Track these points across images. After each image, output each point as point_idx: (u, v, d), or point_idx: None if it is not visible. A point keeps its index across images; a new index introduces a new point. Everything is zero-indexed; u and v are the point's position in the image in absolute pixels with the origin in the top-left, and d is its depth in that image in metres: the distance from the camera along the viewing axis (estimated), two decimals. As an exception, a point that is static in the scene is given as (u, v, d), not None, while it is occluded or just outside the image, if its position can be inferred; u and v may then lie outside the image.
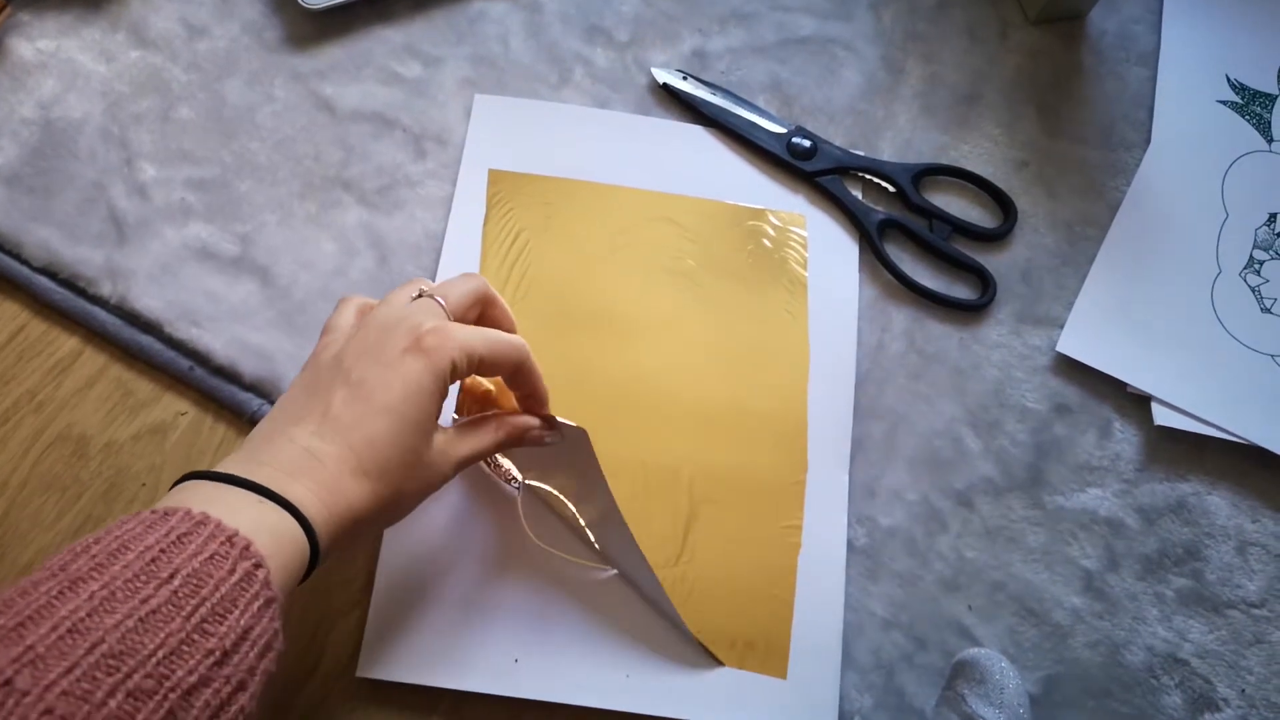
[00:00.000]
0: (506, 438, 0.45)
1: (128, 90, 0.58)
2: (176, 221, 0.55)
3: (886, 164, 0.59)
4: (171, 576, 0.31)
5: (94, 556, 0.31)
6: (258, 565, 0.33)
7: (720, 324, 0.55)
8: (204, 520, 0.33)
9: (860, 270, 0.57)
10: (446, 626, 0.48)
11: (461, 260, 0.55)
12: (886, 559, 0.52)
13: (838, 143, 0.60)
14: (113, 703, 0.28)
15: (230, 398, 0.52)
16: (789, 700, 0.48)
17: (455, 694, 0.48)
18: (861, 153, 0.60)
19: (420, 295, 0.42)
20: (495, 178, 0.57)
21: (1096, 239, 0.58)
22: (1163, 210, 0.59)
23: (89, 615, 0.29)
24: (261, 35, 0.60)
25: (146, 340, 0.53)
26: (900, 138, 0.60)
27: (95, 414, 0.52)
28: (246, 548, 0.33)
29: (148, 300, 0.53)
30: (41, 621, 0.28)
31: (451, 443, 0.42)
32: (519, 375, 0.44)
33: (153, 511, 0.33)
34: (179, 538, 0.32)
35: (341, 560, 0.50)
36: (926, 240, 0.58)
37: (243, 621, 0.32)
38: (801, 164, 0.59)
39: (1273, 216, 0.59)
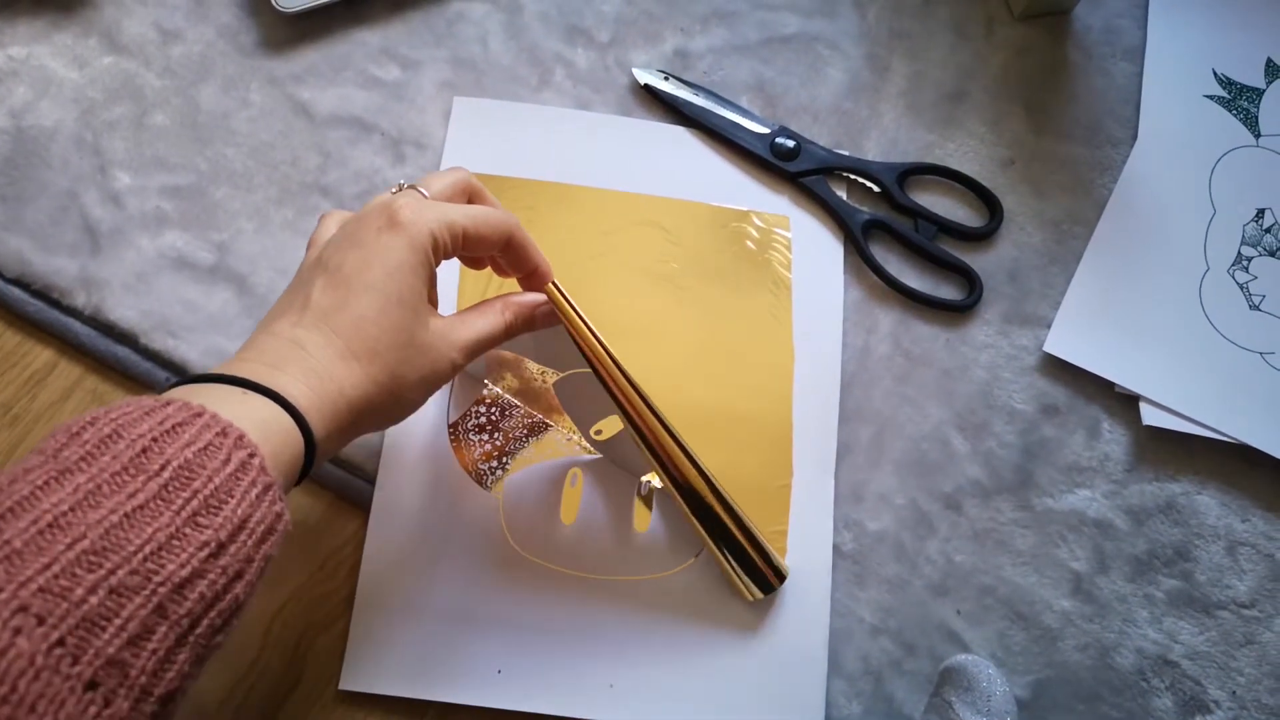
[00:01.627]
0: (515, 318, 0.43)
1: (101, 97, 0.57)
2: (151, 230, 0.54)
3: (871, 164, 0.58)
4: (161, 469, 0.30)
5: (85, 444, 0.30)
6: (252, 455, 0.32)
7: (704, 327, 0.54)
8: (200, 412, 0.31)
9: (845, 271, 0.56)
10: (429, 638, 0.48)
11: (443, 266, 0.54)
12: (874, 564, 0.51)
13: (822, 142, 0.59)
14: (94, 599, 0.26)
15: (208, 409, 0.51)
16: (774, 708, 0.47)
17: (438, 705, 0.47)
18: (846, 152, 0.59)
19: (401, 188, 0.41)
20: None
21: (1084, 237, 0.57)
22: (1150, 207, 0.58)
23: (71, 510, 0.28)
24: (237, 39, 0.59)
25: (122, 351, 0.52)
26: (885, 137, 0.60)
27: (71, 427, 0.51)
28: (240, 438, 0.32)
29: (123, 311, 0.52)
30: (21, 515, 0.27)
31: (453, 327, 0.40)
32: (511, 251, 0.42)
33: (154, 398, 0.32)
34: (173, 427, 0.31)
35: (322, 573, 0.50)
36: (912, 240, 0.57)
37: (239, 511, 0.31)
38: (785, 164, 0.58)
39: (1261, 212, 0.58)
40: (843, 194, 0.58)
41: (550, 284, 0.44)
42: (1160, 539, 0.52)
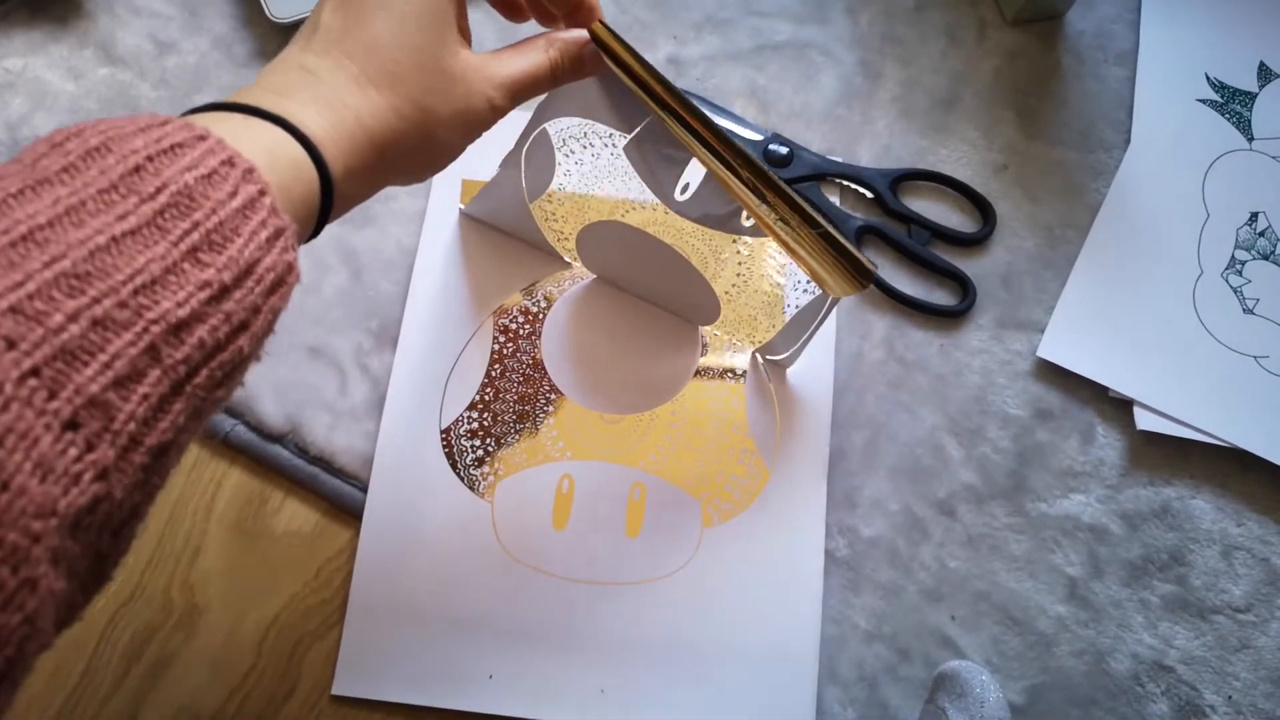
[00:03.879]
0: (561, 57, 0.38)
1: (96, 108, 0.57)
2: (146, 240, 0.55)
3: (864, 170, 0.59)
4: (157, 193, 0.26)
5: (68, 154, 0.25)
6: (263, 193, 0.28)
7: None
8: (203, 135, 0.27)
9: (839, 277, 0.56)
10: (421, 643, 0.48)
11: (436, 275, 0.55)
12: (868, 570, 0.51)
13: (815, 149, 0.59)
14: (74, 328, 0.23)
15: (203, 418, 0.52)
16: (764, 714, 0.47)
17: (431, 711, 0.47)
18: (839, 159, 0.59)
19: None
20: (469, 188, 0.56)
21: (1077, 242, 0.58)
22: (1143, 211, 0.58)
23: (50, 225, 0.24)
24: (231, 50, 0.59)
25: (117, 361, 0.52)
26: (878, 143, 0.60)
27: (66, 437, 0.51)
28: (250, 172, 0.28)
29: (118, 321, 0.52)
30: None
31: (489, 63, 0.36)
32: None
33: (150, 115, 0.28)
34: (172, 147, 0.27)
35: (316, 582, 0.50)
36: (905, 246, 0.57)
37: (246, 253, 0.27)
38: (779, 171, 0.58)
39: (1254, 216, 0.58)
40: (836, 200, 0.58)
41: (598, 22, 0.39)
42: (1155, 544, 0.52)
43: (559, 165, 0.48)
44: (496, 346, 0.53)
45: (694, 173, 0.45)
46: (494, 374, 0.53)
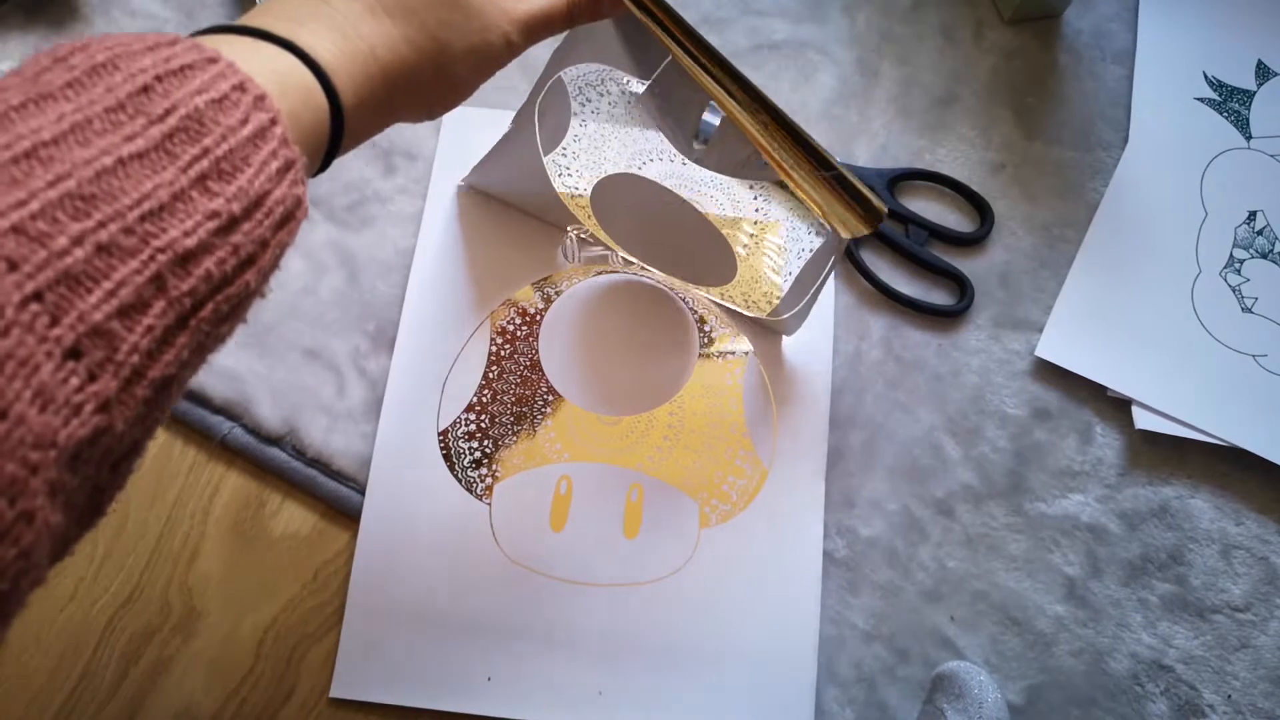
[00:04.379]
0: None
1: (93, 110, 0.57)
2: (143, 243, 0.54)
3: (862, 169, 0.58)
4: (166, 115, 0.24)
5: (73, 69, 0.24)
6: (274, 122, 0.27)
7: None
8: (214, 58, 0.26)
9: (836, 278, 0.56)
10: (419, 646, 0.48)
11: (433, 277, 0.54)
12: (867, 570, 0.51)
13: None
14: (79, 253, 0.22)
15: (200, 421, 0.52)
16: (763, 715, 0.47)
17: (429, 713, 0.47)
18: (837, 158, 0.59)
19: None
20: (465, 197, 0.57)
21: (1075, 241, 0.57)
22: (1141, 210, 0.58)
23: (54, 142, 0.23)
24: (228, 52, 0.59)
25: (114, 364, 0.52)
26: (875, 142, 0.60)
27: (64, 440, 0.51)
28: (261, 99, 0.27)
29: (115, 324, 0.52)
30: None
31: None
32: None
33: (158, 34, 0.26)
34: (181, 68, 0.25)
35: (315, 585, 0.50)
36: (903, 246, 0.57)
37: (256, 184, 0.26)
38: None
39: (1252, 214, 0.58)
40: (833, 200, 0.58)
41: None
42: (1154, 543, 0.52)
43: (574, 116, 0.48)
44: (494, 348, 0.53)
45: (711, 119, 0.45)
46: (491, 376, 0.52)
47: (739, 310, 0.51)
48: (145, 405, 0.24)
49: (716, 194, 0.48)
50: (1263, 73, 0.61)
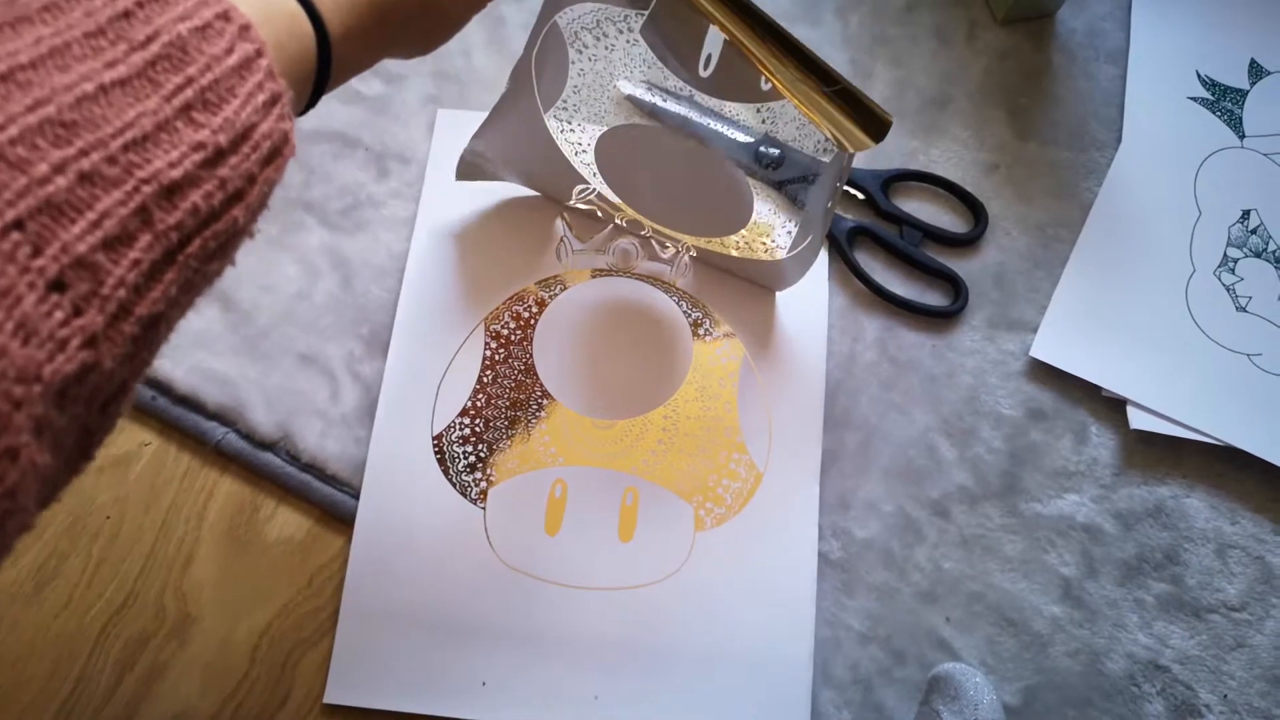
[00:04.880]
0: None
1: (85, 116, 0.57)
2: (136, 248, 0.54)
3: (855, 171, 0.58)
4: (148, 41, 0.24)
5: None
6: (260, 54, 0.26)
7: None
8: None
9: (830, 279, 0.56)
10: (414, 650, 0.48)
11: (427, 281, 0.54)
12: (862, 572, 0.51)
13: (806, 150, 0.59)
14: (61, 181, 0.21)
15: (194, 426, 0.52)
16: (762, 716, 0.47)
17: (424, 718, 0.47)
18: (828, 160, 0.59)
19: None
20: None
21: (1069, 241, 0.57)
22: (1135, 210, 0.58)
23: (32, 66, 0.22)
24: (220, 57, 0.59)
25: (108, 370, 0.52)
26: (869, 143, 0.60)
27: (57, 446, 0.51)
28: (246, 29, 0.26)
29: (108, 329, 0.52)
30: None
31: None
32: None
33: None
34: None
35: (310, 590, 0.50)
36: (897, 247, 0.57)
37: (243, 116, 0.25)
38: (770, 173, 0.58)
39: (1246, 213, 0.58)
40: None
41: None
42: (1149, 543, 0.52)
43: (572, 65, 0.47)
44: (488, 352, 0.53)
45: (713, 44, 0.44)
46: (486, 380, 0.52)
47: (758, 257, 0.49)
48: (133, 343, 0.24)
49: (723, 128, 0.47)
50: (1256, 72, 0.61)
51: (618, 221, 0.52)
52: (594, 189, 0.51)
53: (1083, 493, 0.53)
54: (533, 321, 0.54)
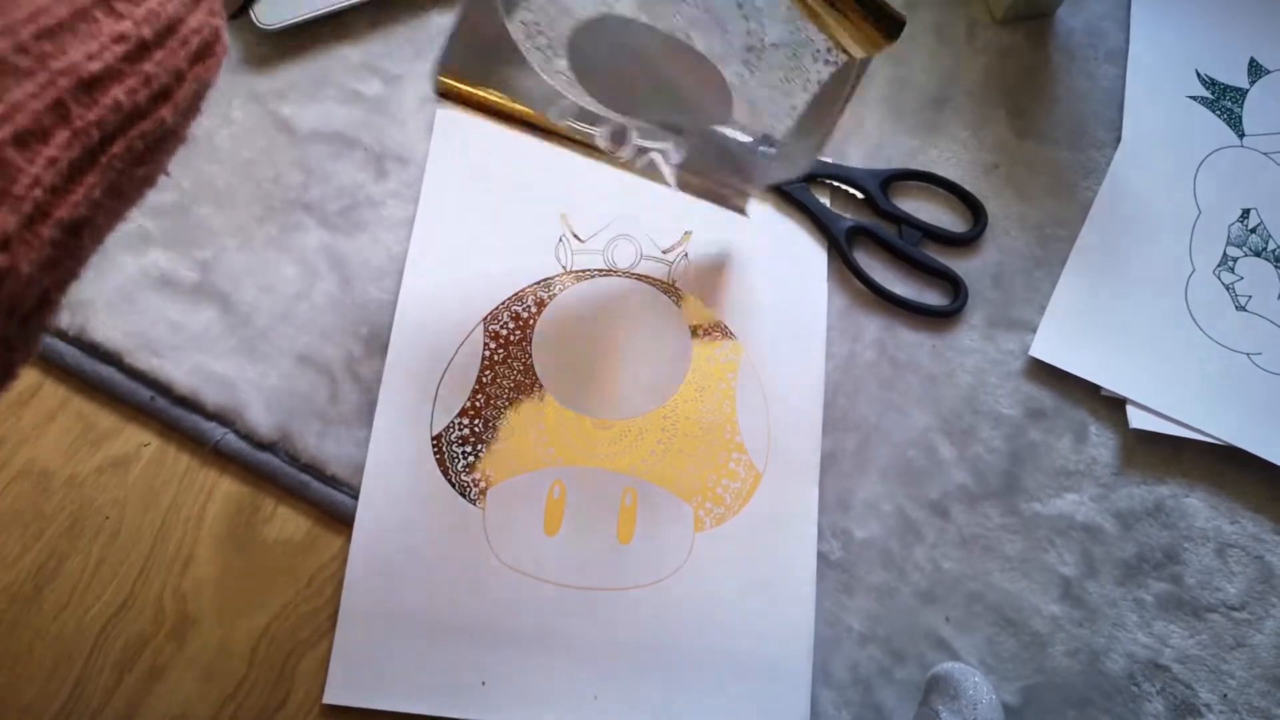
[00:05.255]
0: None
1: (84, 117, 0.57)
2: (135, 249, 0.54)
3: (854, 170, 0.58)
4: None
5: None
6: None
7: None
8: None
9: (829, 279, 0.56)
10: (413, 651, 0.48)
11: (426, 282, 0.54)
12: (862, 572, 0.51)
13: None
14: None
15: (193, 427, 0.52)
16: (761, 716, 0.47)
17: (424, 719, 0.47)
18: (829, 159, 0.59)
19: None
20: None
21: (1068, 240, 0.57)
22: (1135, 209, 0.58)
23: None
24: (219, 57, 0.59)
25: (107, 371, 0.52)
26: (868, 143, 0.60)
27: (57, 448, 0.51)
28: None
29: (107, 331, 0.52)
30: None
31: None
32: None
33: None
34: None
35: (309, 590, 0.50)
36: (896, 247, 0.57)
37: (169, 9, 0.24)
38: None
39: (1246, 212, 0.58)
40: (826, 201, 0.58)
41: None
42: (1149, 542, 0.52)
43: None
44: (487, 353, 0.53)
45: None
46: (485, 380, 0.52)
47: (739, 137, 0.46)
48: (53, 248, 0.22)
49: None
50: (1255, 70, 0.61)
51: (599, 143, 0.49)
52: (572, 102, 0.47)
53: (1082, 492, 0.53)
54: (532, 321, 0.54)
